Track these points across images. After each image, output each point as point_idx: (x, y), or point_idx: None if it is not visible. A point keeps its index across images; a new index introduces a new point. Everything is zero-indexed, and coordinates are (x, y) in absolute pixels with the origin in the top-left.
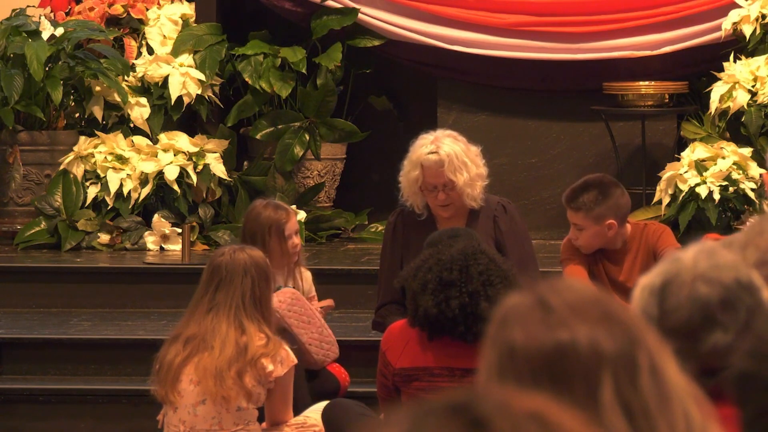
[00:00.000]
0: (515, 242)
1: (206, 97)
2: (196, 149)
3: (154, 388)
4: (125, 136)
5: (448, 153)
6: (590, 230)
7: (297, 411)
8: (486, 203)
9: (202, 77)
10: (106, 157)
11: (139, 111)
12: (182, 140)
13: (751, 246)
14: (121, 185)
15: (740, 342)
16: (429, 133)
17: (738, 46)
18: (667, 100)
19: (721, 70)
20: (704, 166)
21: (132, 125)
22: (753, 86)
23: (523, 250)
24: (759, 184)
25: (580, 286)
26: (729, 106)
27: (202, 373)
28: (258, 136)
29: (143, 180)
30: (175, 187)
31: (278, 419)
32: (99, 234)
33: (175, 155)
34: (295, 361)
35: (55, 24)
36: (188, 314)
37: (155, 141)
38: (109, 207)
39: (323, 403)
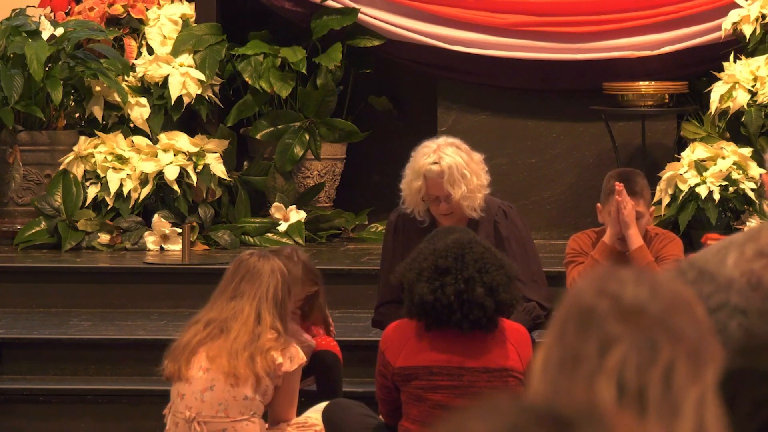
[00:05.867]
0: (518, 247)
1: (206, 97)
2: (196, 149)
3: (165, 366)
4: (125, 136)
5: (449, 165)
6: (647, 213)
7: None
8: (486, 207)
9: (202, 77)
10: (106, 157)
11: (139, 111)
12: (182, 140)
13: (750, 243)
14: (121, 185)
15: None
16: (432, 140)
17: (738, 46)
18: (667, 100)
19: (721, 70)
20: (704, 166)
21: (132, 125)
22: (753, 86)
23: (527, 255)
24: (759, 184)
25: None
26: (729, 106)
27: (217, 352)
28: (258, 136)
29: (143, 180)
30: (175, 187)
31: (282, 417)
32: (99, 234)
33: (175, 155)
34: (305, 359)
35: (55, 24)
36: (210, 302)
37: (155, 141)
38: (109, 207)
39: (324, 404)
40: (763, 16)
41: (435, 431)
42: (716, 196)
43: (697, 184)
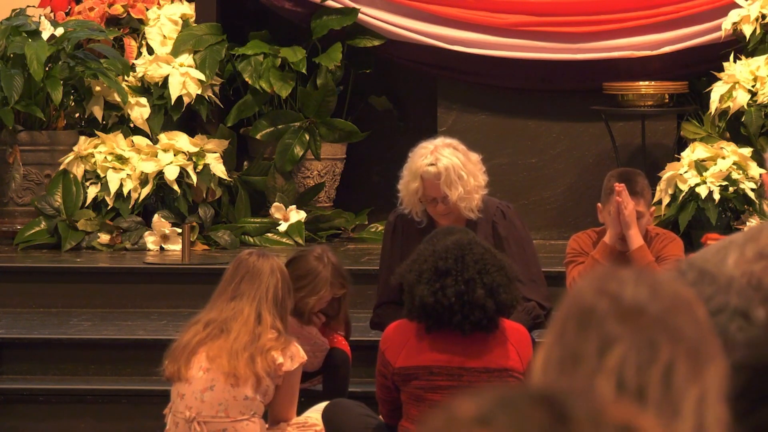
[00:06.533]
0: (516, 247)
1: (206, 97)
2: (196, 149)
3: (165, 367)
4: (125, 136)
5: (446, 166)
6: (647, 213)
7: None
8: (485, 207)
9: (202, 77)
10: (106, 157)
11: (139, 111)
12: (182, 140)
13: (751, 243)
14: (121, 185)
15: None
16: (429, 141)
17: (738, 46)
18: (667, 100)
19: (721, 70)
20: (704, 166)
21: (132, 125)
22: (753, 86)
23: (525, 255)
24: (759, 184)
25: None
26: (729, 106)
27: (217, 353)
28: (258, 136)
29: (143, 180)
30: (175, 187)
31: (282, 417)
32: (99, 234)
33: (175, 155)
34: (305, 358)
35: (55, 24)
36: (210, 303)
37: (155, 141)
38: (109, 207)
39: (324, 403)
40: (763, 16)
41: (427, 419)
42: (716, 196)
43: (697, 184)
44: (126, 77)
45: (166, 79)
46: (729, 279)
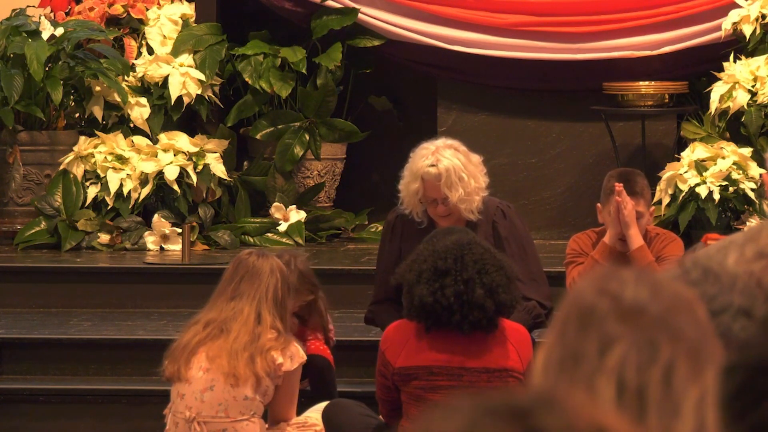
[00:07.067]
0: (517, 247)
1: (206, 97)
2: (196, 149)
3: (165, 367)
4: (125, 136)
5: (447, 167)
6: (647, 213)
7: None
8: (485, 207)
9: (202, 77)
10: (106, 157)
11: (139, 111)
12: (182, 140)
13: (750, 243)
14: (121, 185)
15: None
16: (430, 142)
17: (738, 46)
18: (667, 100)
19: (721, 70)
20: (704, 166)
21: (132, 125)
22: (753, 86)
23: (526, 254)
24: (759, 184)
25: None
26: (729, 106)
27: (216, 353)
28: (258, 136)
29: (143, 180)
30: (175, 187)
31: (282, 417)
32: (99, 234)
33: (175, 155)
34: (305, 358)
35: (55, 24)
36: (210, 303)
37: (155, 141)
38: (109, 207)
39: (324, 403)
40: (763, 16)
41: None
42: (716, 196)
43: (697, 184)
44: (126, 77)
45: (166, 79)
46: (733, 278)
